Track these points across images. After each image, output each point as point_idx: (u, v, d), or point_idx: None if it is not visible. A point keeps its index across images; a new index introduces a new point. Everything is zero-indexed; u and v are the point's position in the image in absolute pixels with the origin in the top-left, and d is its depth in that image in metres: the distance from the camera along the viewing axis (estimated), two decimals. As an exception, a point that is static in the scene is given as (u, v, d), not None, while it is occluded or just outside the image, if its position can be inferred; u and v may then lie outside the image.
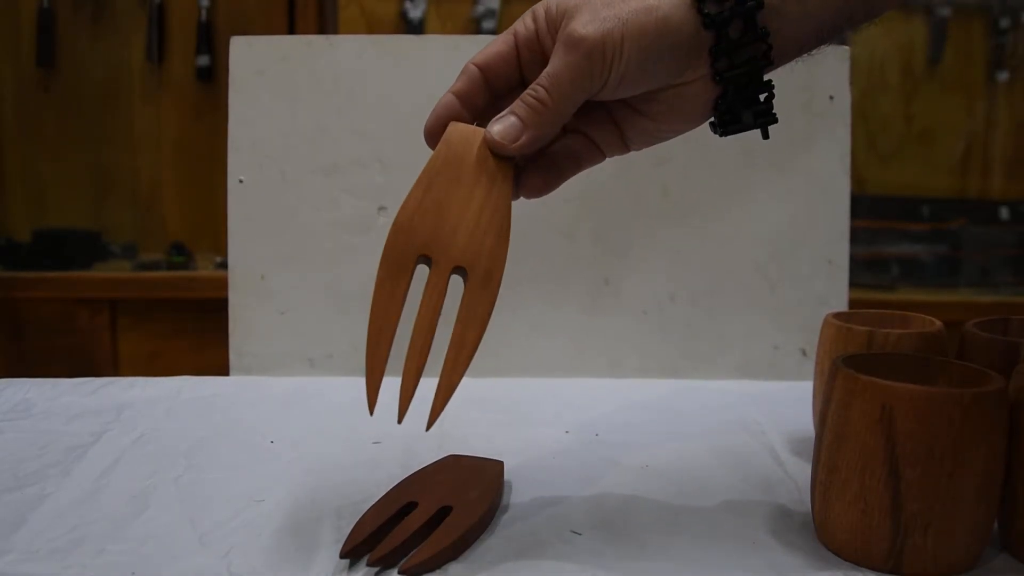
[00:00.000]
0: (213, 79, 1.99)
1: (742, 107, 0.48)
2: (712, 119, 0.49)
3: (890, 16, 1.97)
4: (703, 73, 0.47)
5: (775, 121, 0.49)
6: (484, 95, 0.49)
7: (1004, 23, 1.97)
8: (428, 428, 0.46)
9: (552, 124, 0.47)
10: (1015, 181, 2.04)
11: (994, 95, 2.02)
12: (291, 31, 1.92)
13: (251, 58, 0.83)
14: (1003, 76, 1.99)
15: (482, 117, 0.50)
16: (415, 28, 1.92)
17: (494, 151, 0.47)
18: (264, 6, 1.97)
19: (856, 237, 0.89)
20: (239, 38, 0.84)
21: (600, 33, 0.44)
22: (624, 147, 0.51)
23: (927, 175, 2.04)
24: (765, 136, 0.50)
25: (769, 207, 0.84)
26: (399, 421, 0.46)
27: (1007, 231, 1.97)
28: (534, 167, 0.50)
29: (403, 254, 0.46)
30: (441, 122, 0.49)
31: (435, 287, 0.46)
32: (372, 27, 1.92)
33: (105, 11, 2.00)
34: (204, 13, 1.97)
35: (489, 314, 0.46)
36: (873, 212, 1.94)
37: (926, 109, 2.03)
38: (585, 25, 0.45)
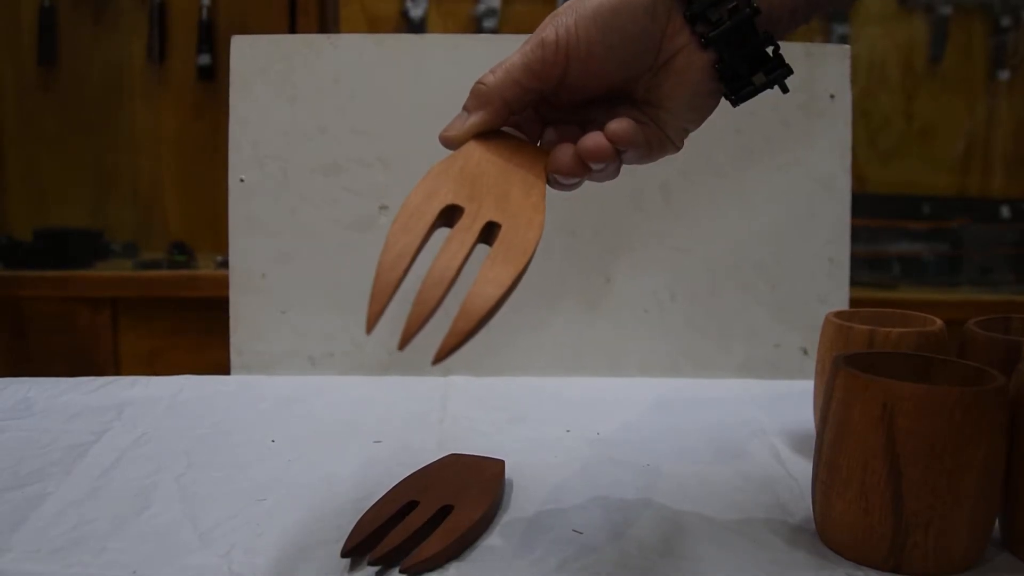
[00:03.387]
0: (214, 78, 1.99)
1: (748, 68, 0.47)
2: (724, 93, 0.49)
3: (891, 14, 1.98)
4: (684, 42, 0.47)
5: (790, 72, 0.48)
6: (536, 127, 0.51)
7: (1005, 22, 1.96)
8: (439, 357, 0.40)
9: (496, 104, 0.47)
10: (1016, 179, 2.04)
11: (995, 94, 2.02)
12: (292, 30, 1.92)
13: (252, 57, 0.83)
14: (1004, 75, 1.99)
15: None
16: (416, 27, 1.92)
17: (446, 145, 0.48)
18: (265, 5, 1.97)
19: (857, 236, 0.89)
20: (240, 37, 0.84)
21: (553, 26, 0.46)
22: (673, 145, 0.50)
23: (928, 173, 2.04)
24: (784, 90, 0.49)
25: (770, 205, 0.84)
26: (399, 346, 0.40)
27: (1008, 229, 1.97)
28: (619, 117, 0.47)
29: (430, 202, 0.44)
30: None
31: (467, 229, 0.44)
32: (373, 26, 1.92)
33: (106, 10, 2.00)
34: (205, 12, 1.97)
35: (531, 253, 0.43)
36: (874, 210, 1.94)
37: (927, 107, 2.03)
38: (545, 27, 0.47)
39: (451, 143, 0.48)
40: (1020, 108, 2.02)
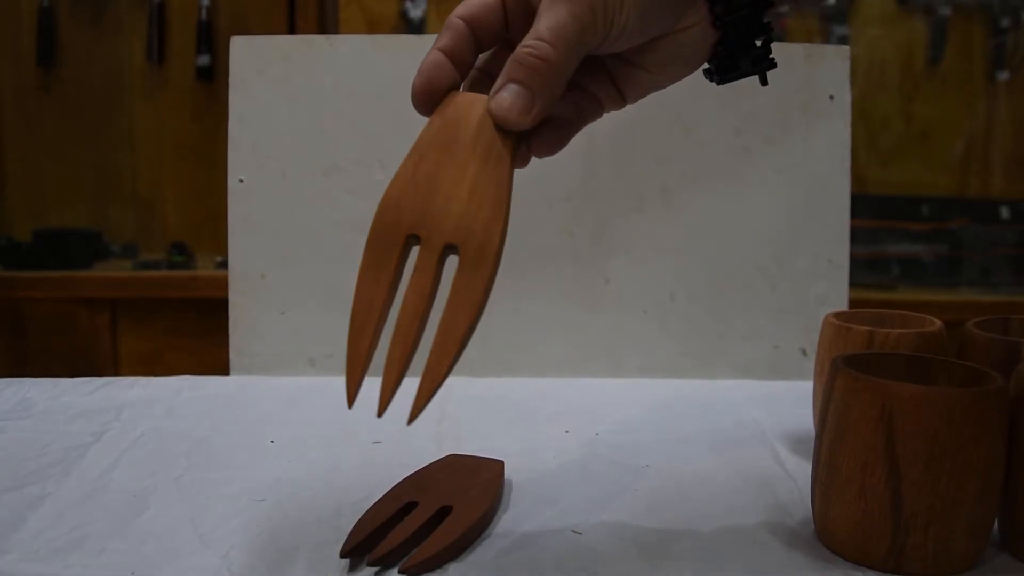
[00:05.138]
0: (213, 79, 1.99)
1: (741, 53, 0.47)
2: (706, 67, 0.48)
3: (890, 16, 1.98)
4: (700, 18, 0.45)
5: (774, 66, 0.48)
6: (472, 50, 0.46)
7: (1004, 22, 1.97)
8: (410, 422, 0.40)
9: (559, 83, 0.43)
10: (1015, 180, 2.05)
11: (994, 94, 2.02)
12: (291, 31, 1.92)
13: (251, 58, 0.83)
14: (1003, 75, 1.99)
15: (469, 76, 0.47)
16: (415, 27, 1.92)
17: (505, 127, 0.43)
18: (264, 6, 1.97)
19: (856, 236, 0.89)
20: (239, 38, 0.84)
21: None
22: (621, 101, 0.48)
23: (927, 174, 2.04)
24: (764, 82, 0.49)
25: (769, 206, 0.84)
26: (379, 414, 0.41)
27: (1007, 230, 1.98)
28: (546, 125, 0.46)
29: (390, 235, 0.42)
30: (432, 85, 0.45)
31: (424, 268, 0.41)
32: (372, 26, 1.92)
33: (105, 11, 2.00)
34: (204, 13, 1.97)
35: (482, 295, 0.40)
36: (873, 211, 1.94)
37: (926, 108, 2.03)
38: None
39: (518, 126, 0.43)
40: (1019, 109, 2.03)
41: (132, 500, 0.54)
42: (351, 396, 0.41)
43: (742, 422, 0.71)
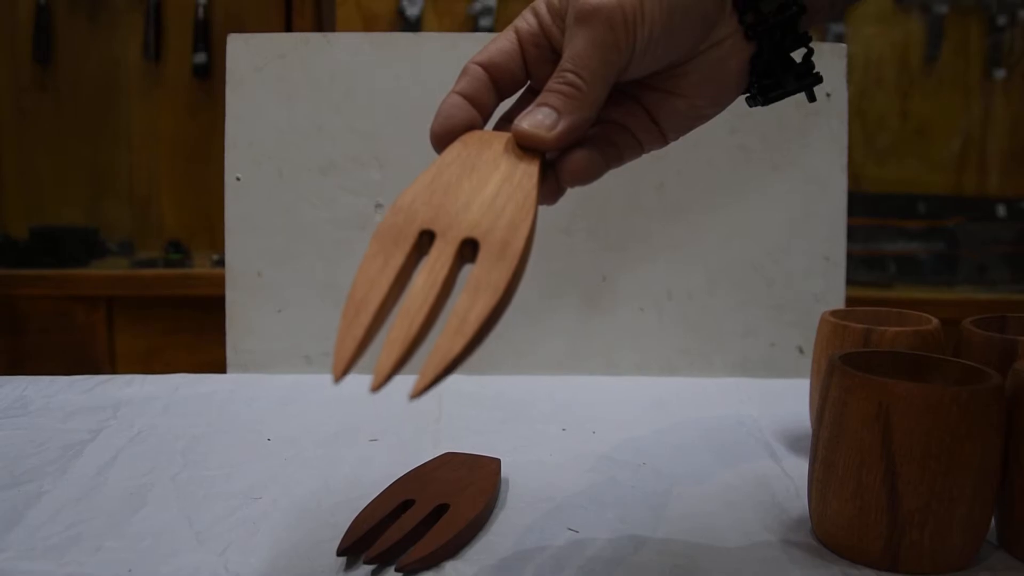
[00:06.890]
0: (210, 76, 1.99)
1: (781, 68, 0.45)
2: (747, 93, 0.47)
3: (887, 13, 1.98)
4: (731, 30, 0.44)
5: (819, 80, 0.46)
6: (491, 95, 0.45)
7: (1001, 21, 1.97)
8: (412, 396, 0.35)
9: (589, 109, 0.42)
10: (1012, 178, 2.05)
11: (991, 92, 2.02)
12: (288, 28, 1.92)
13: (248, 55, 0.83)
14: (1000, 73, 2.00)
15: (490, 121, 0.46)
16: (412, 25, 1.92)
17: (528, 145, 0.42)
18: (261, 3, 1.97)
19: (853, 234, 0.89)
20: (236, 35, 0.84)
21: (618, 2, 0.41)
22: (662, 137, 0.47)
23: (924, 172, 2.04)
24: (812, 98, 0.47)
25: (766, 204, 0.84)
26: (373, 388, 0.35)
27: (1004, 228, 1.98)
28: (577, 150, 0.44)
29: (401, 229, 0.38)
30: (451, 123, 0.44)
31: (438, 257, 0.38)
32: (369, 24, 1.92)
33: (102, 8, 2.00)
34: (201, 10, 1.97)
35: (506, 283, 0.36)
36: (870, 209, 1.94)
37: (923, 106, 2.03)
38: (600, 4, 0.41)
39: (541, 143, 0.42)
40: (1016, 107, 2.03)
41: (129, 498, 0.54)
42: (340, 369, 0.35)
43: (739, 420, 0.71)
